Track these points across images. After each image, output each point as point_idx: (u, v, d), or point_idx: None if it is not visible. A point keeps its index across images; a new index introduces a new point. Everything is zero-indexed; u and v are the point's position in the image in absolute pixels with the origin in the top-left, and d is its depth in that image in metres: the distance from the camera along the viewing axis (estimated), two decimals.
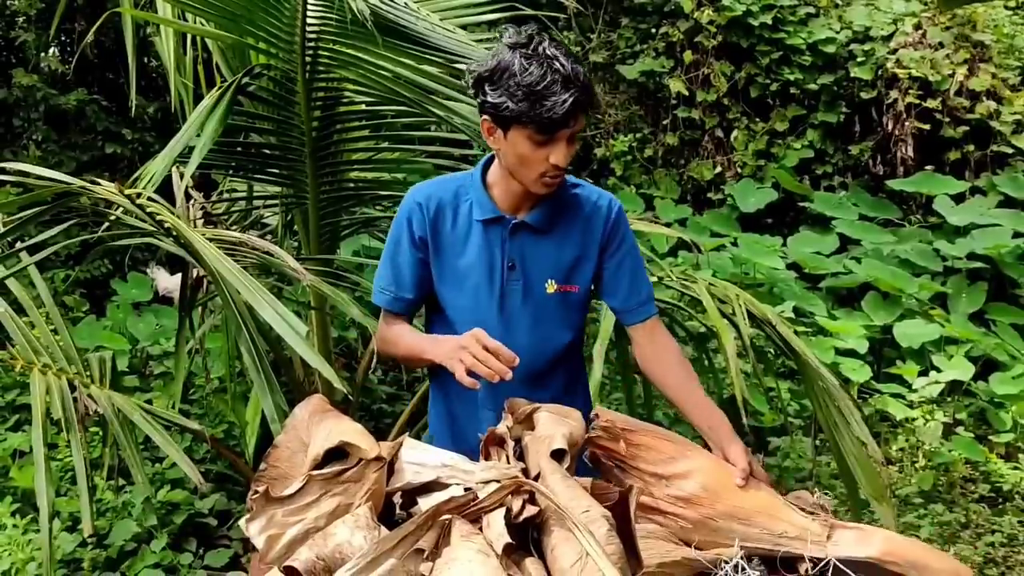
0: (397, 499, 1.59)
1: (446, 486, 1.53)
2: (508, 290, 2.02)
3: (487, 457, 1.59)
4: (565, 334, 2.07)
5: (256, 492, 1.49)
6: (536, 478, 1.48)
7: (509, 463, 1.52)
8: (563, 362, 2.11)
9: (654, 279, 3.14)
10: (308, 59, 3.06)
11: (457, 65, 3.02)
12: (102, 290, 5.71)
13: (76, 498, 3.56)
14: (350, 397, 2.54)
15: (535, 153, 1.87)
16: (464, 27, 3.23)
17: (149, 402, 4.36)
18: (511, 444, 1.58)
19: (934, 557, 1.68)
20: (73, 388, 2.84)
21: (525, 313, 1.98)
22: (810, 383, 2.91)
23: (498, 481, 1.43)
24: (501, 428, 1.62)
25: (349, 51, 3.03)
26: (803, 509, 1.74)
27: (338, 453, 1.58)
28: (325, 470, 1.54)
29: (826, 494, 1.86)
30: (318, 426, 1.66)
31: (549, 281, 2.01)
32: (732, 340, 2.86)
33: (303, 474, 1.57)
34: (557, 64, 1.83)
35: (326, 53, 3.08)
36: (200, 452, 4.13)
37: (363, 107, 3.41)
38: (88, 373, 3.00)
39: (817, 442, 4.14)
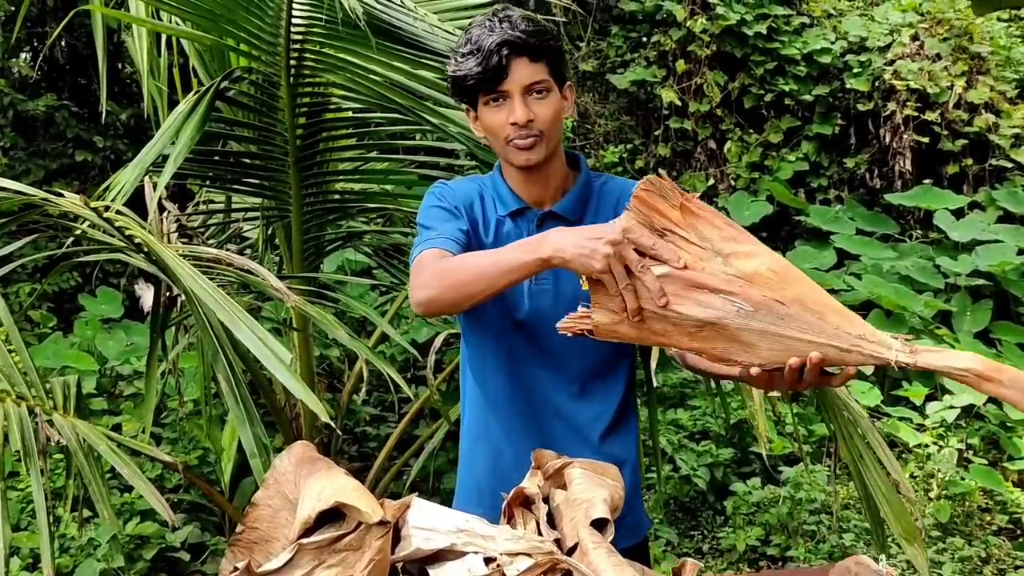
0: (404, 570, 1.36)
1: (463, 554, 1.30)
2: (537, 290, 1.82)
3: (510, 519, 1.36)
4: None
5: (236, 568, 1.25)
6: (572, 551, 1.25)
7: (540, 531, 1.29)
8: (610, 370, 1.89)
9: None
10: (293, 62, 2.85)
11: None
12: (71, 303, 5.46)
13: (37, 533, 3.32)
14: (336, 430, 2.31)
15: (496, 117, 1.76)
16: (463, 29, 3.02)
17: (118, 426, 4.13)
18: (543, 508, 1.34)
19: None
20: (34, 415, 2.60)
21: (557, 315, 1.69)
22: (833, 412, 2.71)
23: (529, 555, 1.20)
24: (530, 486, 1.38)
25: (338, 54, 2.81)
26: None
27: (332, 514, 1.36)
28: (318, 537, 1.31)
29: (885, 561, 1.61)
30: (307, 480, 1.43)
31: (584, 277, 1.74)
32: None
33: (289, 539, 1.34)
34: (490, 21, 1.74)
35: (312, 56, 2.86)
36: (172, 480, 3.89)
37: (351, 114, 3.19)
38: (51, 398, 2.77)
39: (827, 469, 3.96)
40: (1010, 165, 6.34)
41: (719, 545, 3.76)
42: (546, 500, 1.39)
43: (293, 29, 2.76)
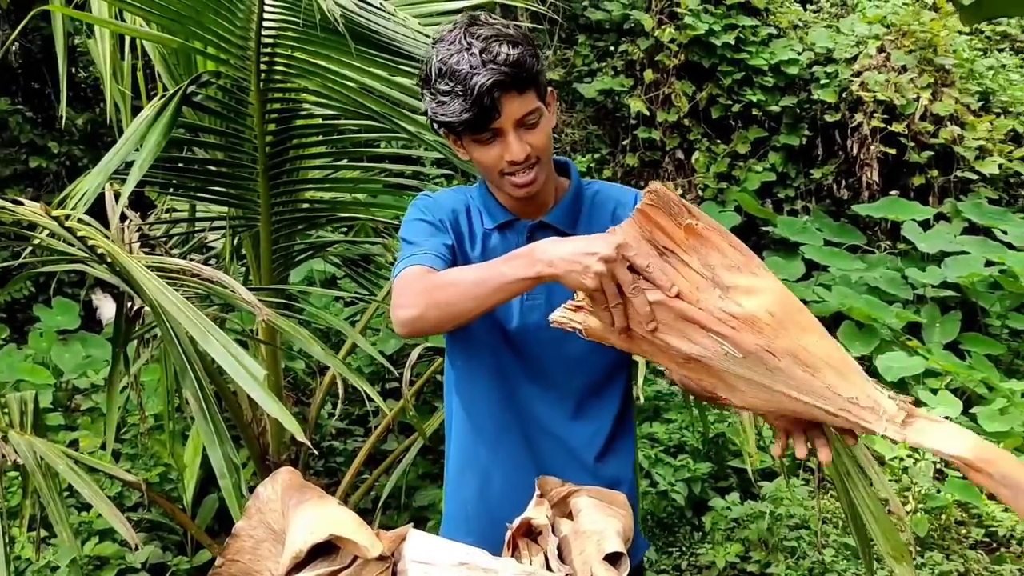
0: None
1: None
2: (529, 305, 1.73)
3: (514, 551, 1.28)
4: (604, 353, 1.66)
5: None
6: None
7: (549, 565, 1.21)
8: (606, 387, 1.80)
9: None
10: (263, 66, 2.74)
11: None
12: (24, 313, 5.29)
13: None
14: (309, 446, 2.21)
15: (487, 153, 1.66)
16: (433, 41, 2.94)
17: (75, 442, 3.98)
18: (553, 540, 1.26)
19: None
20: None
21: (549, 331, 1.56)
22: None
23: None
24: (537, 516, 1.30)
25: (311, 58, 2.72)
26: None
27: (324, 547, 1.26)
28: (310, 572, 1.22)
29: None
30: (296, 510, 1.33)
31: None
32: None
33: (276, 574, 1.25)
34: (478, 54, 1.59)
35: (284, 60, 2.76)
36: (132, 498, 3.76)
37: (322, 121, 3.09)
38: (7, 414, 2.65)
39: (805, 483, 3.91)
40: (975, 177, 6.38)
41: (698, 562, 3.69)
42: (553, 531, 1.30)
43: (264, 32, 2.65)
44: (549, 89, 1.74)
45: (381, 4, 2.43)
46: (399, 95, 2.76)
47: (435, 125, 1.71)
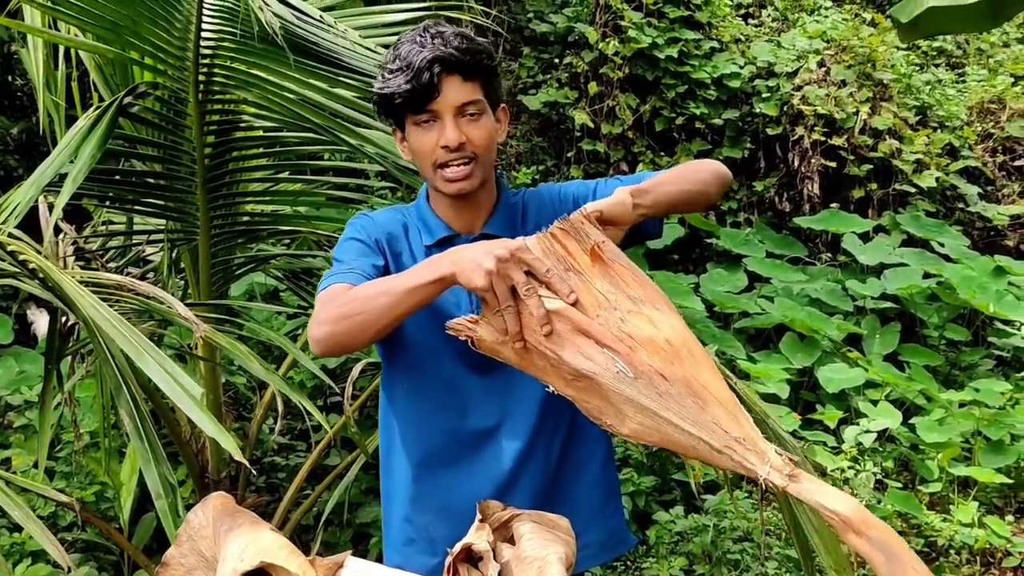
0: None
1: None
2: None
3: None
4: None
5: None
6: None
7: None
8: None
9: None
10: (202, 78, 2.71)
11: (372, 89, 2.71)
12: None
13: None
14: (246, 465, 2.16)
15: (425, 139, 1.67)
16: (387, 47, 2.91)
17: (7, 460, 3.88)
18: (495, 567, 1.24)
19: (906, 548, 1.26)
20: None
21: None
22: None
23: None
24: (477, 541, 1.28)
25: (251, 70, 2.68)
26: None
27: (254, 574, 1.23)
28: None
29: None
30: (227, 536, 1.30)
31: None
32: None
33: None
34: (421, 37, 1.64)
35: (223, 71, 2.73)
36: (67, 518, 3.66)
37: (263, 133, 3.05)
38: None
39: (749, 495, 3.93)
40: (912, 190, 6.49)
41: None
42: (495, 556, 1.28)
43: (203, 43, 2.62)
44: (503, 105, 1.76)
45: (321, 17, 2.40)
46: (340, 107, 2.73)
47: (380, 113, 1.74)
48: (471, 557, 1.29)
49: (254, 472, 2.91)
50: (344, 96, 2.69)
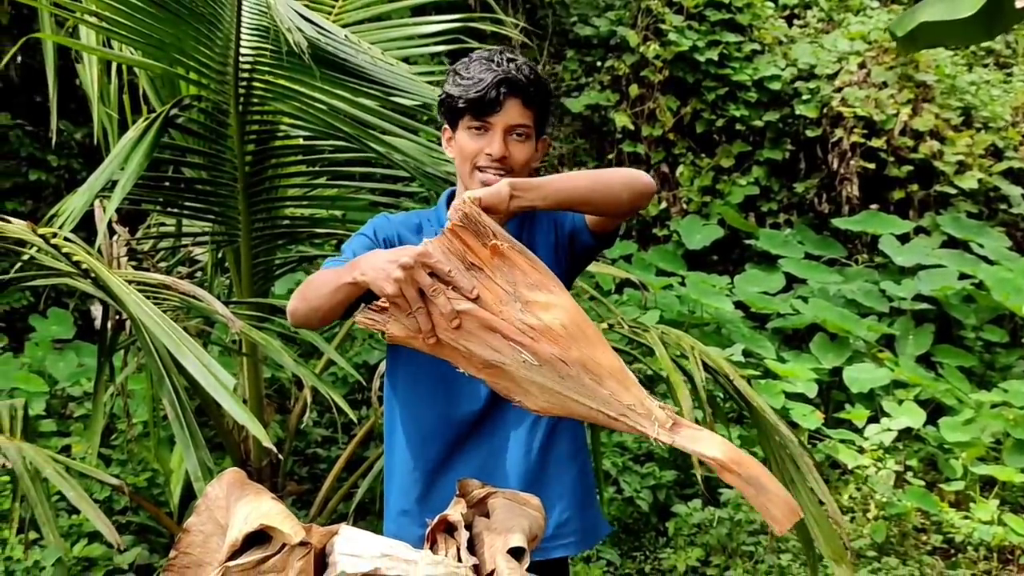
0: None
1: None
2: None
3: (433, 545, 1.42)
4: None
5: None
6: None
7: (460, 558, 1.35)
8: None
9: (604, 326, 3.02)
10: (242, 91, 2.90)
11: (395, 99, 2.88)
12: (22, 323, 5.42)
13: None
14: (277, 453, 2.34)
15: (473, 144, 1.86)
16: (407, 60, 3.09)
17: (68, 448, 4.12)
18: (464, 535, 1.40)
19: (771, 480, 1.44)
20: None
21: None
22: (766, 437, 2.80)
23: None
24: (453, 513, 1.45)
25: (285, 83, 2.87)
26: None
27: (261, 537, 1.41)
28: (243, 559, 1.37)
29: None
30: (236, 505, 1.48)
31: None
32: (687, 393, 2.73)
33: (219, 562, 1.39)
34: (498, 57, 1.85)
35: (261, 85, 2.91)
36: (121, 502, 3.89)
37: (300, 141, 3.24)
38: None
39: None
40: (954, 191, 6.51)
41: (660, 566, 3.83)
42: (468, 527, 1.44)
43: (241, 59, 2.80)
44: (545, 136, 1.95)
45: (346, 36, 2.57)
46: (366, 116, 2.90)
47: (440, 109, 1.93)
48: (449, 527, 1.45)
49: (279, 457, 3.08)
50: (368, 105, 2.87)
